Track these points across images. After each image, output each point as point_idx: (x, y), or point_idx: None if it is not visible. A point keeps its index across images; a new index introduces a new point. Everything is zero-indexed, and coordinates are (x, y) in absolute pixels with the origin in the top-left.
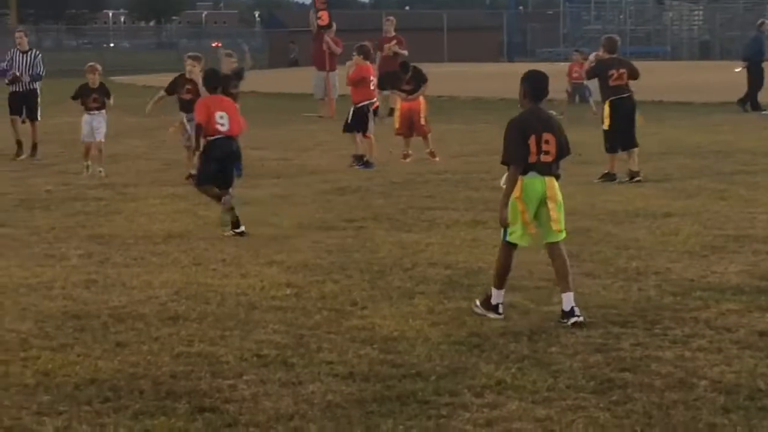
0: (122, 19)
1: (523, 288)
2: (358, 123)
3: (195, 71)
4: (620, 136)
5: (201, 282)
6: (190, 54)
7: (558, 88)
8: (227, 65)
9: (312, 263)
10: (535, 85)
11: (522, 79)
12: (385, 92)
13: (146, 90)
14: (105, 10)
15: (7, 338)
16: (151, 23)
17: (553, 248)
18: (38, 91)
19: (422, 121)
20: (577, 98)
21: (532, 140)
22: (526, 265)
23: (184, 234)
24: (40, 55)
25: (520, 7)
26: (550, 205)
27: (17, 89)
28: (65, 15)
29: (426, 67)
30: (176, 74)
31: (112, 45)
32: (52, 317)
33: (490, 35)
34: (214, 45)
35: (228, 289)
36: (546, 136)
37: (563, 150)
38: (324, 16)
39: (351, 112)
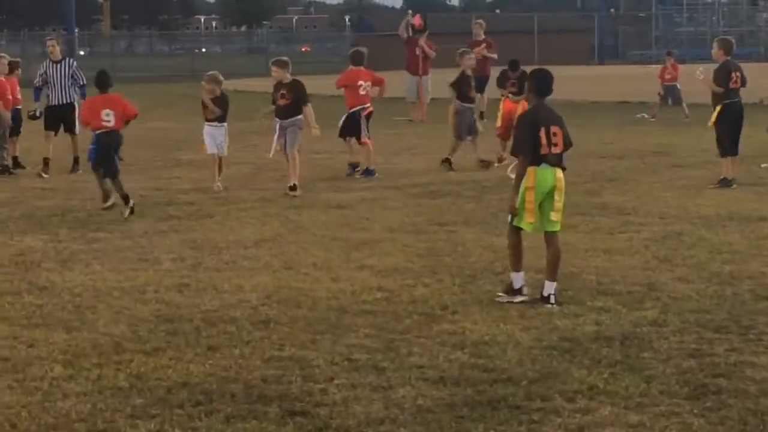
0: (214, 25)
1: (615, 292)
2: (350, 129)
3: (278, 76)
4: (730, 141)
5: (292, 286)
6: (274, 60)
7: (649, 90)
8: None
9: (403, 267)
10: (541, 83)
11: (529, 77)
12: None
13: (236, 95)
14: (197, 16)
15: (101, 341)
16: (242, 28)
17: (550, 238)
18: (76, 104)
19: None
20: (669, 101)
21: (542, 133)
22: (618, 270)
23: (275, 238)
24: (75, 64)
25: (611, 10)
26: (557, 196)
27: (54, 103)
28: (158, 21)
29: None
30: (267, 78)
31: (203, 50)
32: (145, 321)
33: (581, 38)
34: (303, 50)
35: (319, 293)
36: (554, 129)
37: (568, 142)
38: (417, 19)
39: (343, 118)
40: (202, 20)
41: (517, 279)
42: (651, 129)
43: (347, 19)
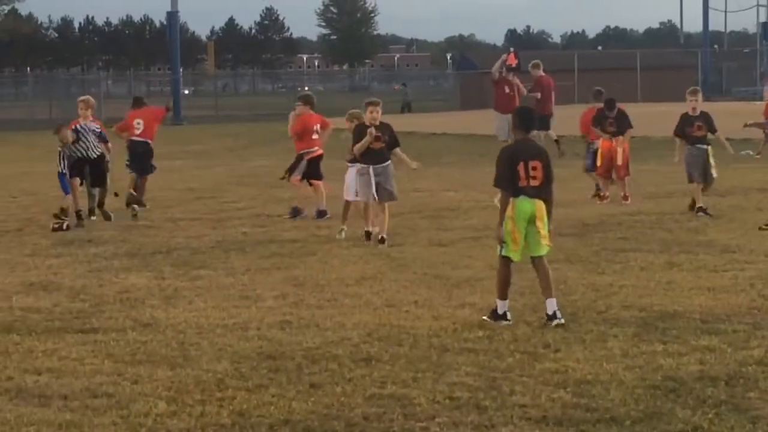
0: (316, 63)
1: (719, 331)
2: (297, 170)
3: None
4: None
5: (393, 324)
6: (368, 101)
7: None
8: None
9: None
10: (524, 119)
11: (514, 114)
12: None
13: (337, 132)
14: (300, 55)
15: (204, 378)
16: (345, 66)
17: (538, 261)
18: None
19: (620, 162)
20: None
21: (520, 167)
22: (723, 309)
23: (377, 276)
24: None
25: (715, 46)
26: (539, 224)
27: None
28: (261, 60)
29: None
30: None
31: (306, 88)
32: (248, 358)
33: (684, 74)
34: (395, 87)
35: (420, 331)
36: (533, 163)
37: (550, 176)
38: (512, 58)
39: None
40: (305, 59)
41: (502, 306)
42: (755, 166)
43: (449, 57)
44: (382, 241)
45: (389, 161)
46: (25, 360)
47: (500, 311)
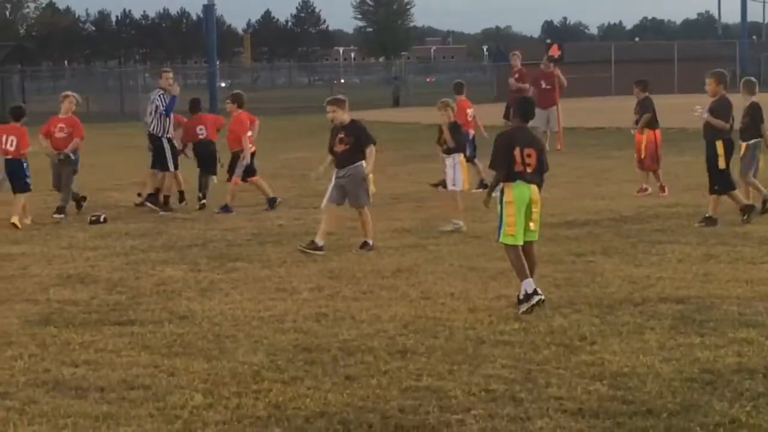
0: (352, 56)
1: (757, 323)
2: (237, 170)
3: (337, 117)
4: None
5: (429, 316)
6: (329, 99)
7: None
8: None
9: None
10: (524, 108)
11: (516, 103)
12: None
13: (373, 125)
14: (336, 47)
15: (240, 370)
16: (381, 59)
17: (529, 248)
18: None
19: (643, 155)
20: None
21: (517, 152)
22: (761, 301)
23: (413, 268)
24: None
25: (753, 37)
26: (534, 208)
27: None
28: (297, 53)
29: (656, 99)
30: (399, 110)
31: (342, 81)
32: (284, 350)
33: (722, 65)
34: (428, 80)
35: (456, 323)
36: (528, 150)
37: (543, 165)
38: (555, 49)
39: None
40: (341, 51)
41: (527, 284)
42: None
43: (485, 49)
44: (363, 246)
45: (357, 164)
46: (62, 352)
47: (529, 290)
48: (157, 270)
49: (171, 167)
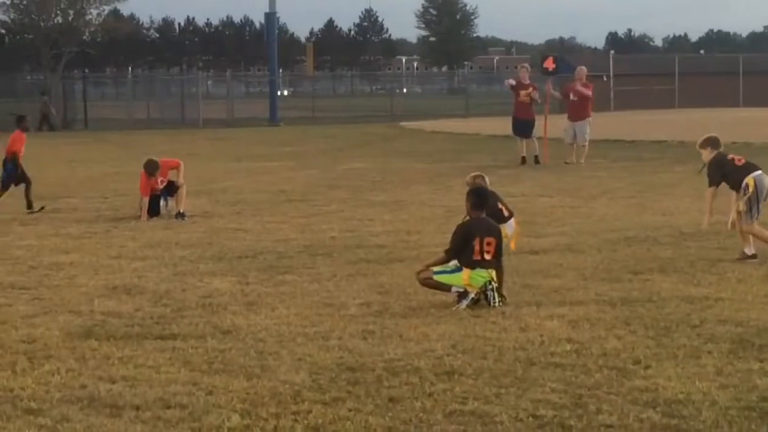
0: (415, 65)
1: None
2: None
3: None
4: None
5: (479, 335)
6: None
7: None
8: None
9: (594, 317)
10: (477, 200)
11: (467, 195)
12: (520, 138)
13: (433, 135)
14: (398, 57)
15: (280, 390)
16: (443, 68)
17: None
18: None
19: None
20: None
21: (476, 242)
22: None
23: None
24: None
25: None
26: (492, 284)
27: None
28: (360, 61)
29: (720, 113)
30: (459, 120)
31: (404, 90)
32: (327, 369)
33: None
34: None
35: (506, 344)
36: (488, 239)
37: (501, 250)
38: (550, 62)
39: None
40: (404, 61)
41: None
42: None
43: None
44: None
45: None
46: (101, 367)
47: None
48: (204, 282)
49: None
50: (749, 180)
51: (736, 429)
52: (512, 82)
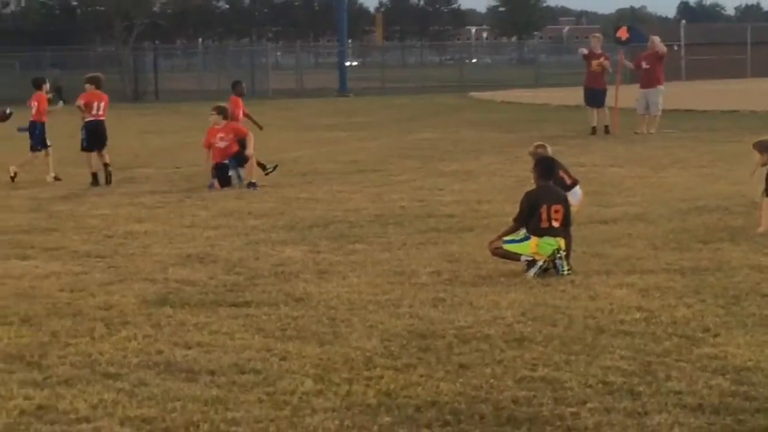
0: (484, 35)
1: None
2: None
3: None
4: None
5: (549, 303)
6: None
7: None
8: None
9: (664, 286)
10: (544, 168)
11: (534, 164)
12: (591, 108)
13: (503, 105)
14: (467, 27)
15: (352, 356)
16: (513, 39)
17: None
18: None
19: None
20: None
21: (543, 209)
22: None
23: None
24: None
25: None
26: (560, 253)
27: None
28: (429, 32)
29: None
30: (529, 90)
31: (474, 61)
32: (398, 336)
33: None
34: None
35: (576, 312)
36: (555, 206)
37: (569, 219)
38: (623, 32)
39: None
40: (473, 31)
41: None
42: None
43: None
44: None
45: None
46: (176, 333)
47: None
48: (276, 250)
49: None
50: None
51: None
52: (585, 51)
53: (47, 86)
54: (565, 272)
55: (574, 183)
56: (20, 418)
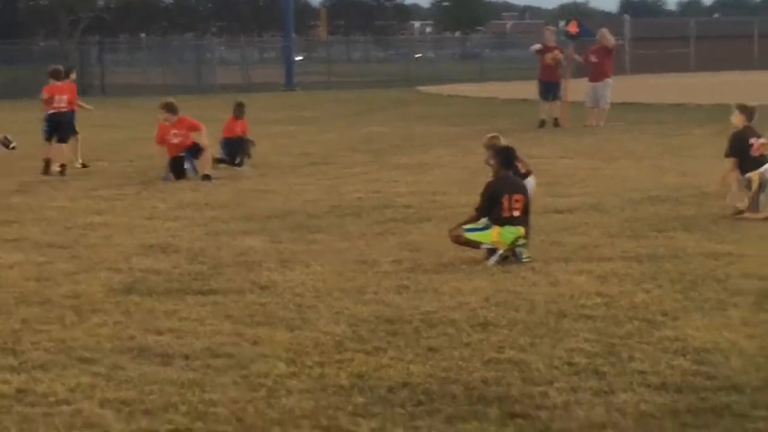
0: (428, 30)
1: None
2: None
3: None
4: None
5: (510, 289)
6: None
7: None
8: None
9: (622, 273)
10: (504, 158)
11: (494, 154)
12: (544, 102)
13: (450, 99)
14: (411, 21)
15: (322, 340)
16: (456, 33)
17: None
18: None
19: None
20: None
21: (505, 199)
22: None
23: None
24: None
25: None
26: (521, 241)
27: None
28: (373, 27)
29: (733, 75)
30: (481, 84)
31: (418, 56)
32: (366, 321)
33: None
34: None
35: (537, 297)
36: (516, 196)
37: (529, 208)
38: (573, 26)
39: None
40: (417, 26)
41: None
42: None
43: (561, 25)
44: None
45: None
46: (147, 320)
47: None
48: (237, 241)
49: None
50: (753, 176)
51: (763, 374)
52: (538, 47)
53: (74, 75)
54: (525, 260)
55: (528, 173)
56: (1, 401)
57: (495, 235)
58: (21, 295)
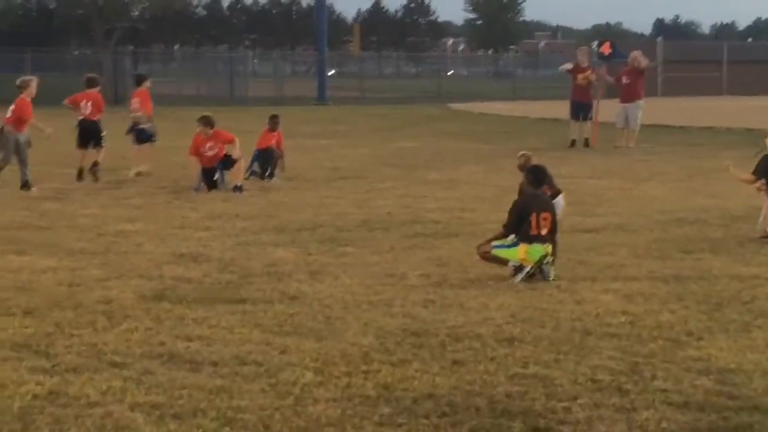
0: (460, 48)
1: None
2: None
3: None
4: None
5: (536, 306)
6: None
7: None
8: None
9: (648, 292)
10: (535, 177)
11: (526, 173)
12: (575, 122)
13: (481, 117)
14: (444, 39)
15: (349, 351)
16: (489, 52)
17: None
18: None
19: None
20: None
21: (533, 217)
22: None
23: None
24: None
25: None
26: (548, 259)
27: None
28: (406, 43)
29: (765, 100)
30: (507, 103)
31: (451, 72)
32: (392, 333)
33: None
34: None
35: (563, 315)
36: (544, 214)
37: (556, 226)
38: (607, 47)
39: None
40: (450, 43)
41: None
42: None
43: (593, 45)
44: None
45: None
46: (177, 327)
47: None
48: (267, 251)
49: None
50: None
51: None
52: (569, 66)
53: (148, 83)
54: (552, 278)
55: (557, 193)
56: (34, 401)
57: (522, 253)
58: (54, 300)
